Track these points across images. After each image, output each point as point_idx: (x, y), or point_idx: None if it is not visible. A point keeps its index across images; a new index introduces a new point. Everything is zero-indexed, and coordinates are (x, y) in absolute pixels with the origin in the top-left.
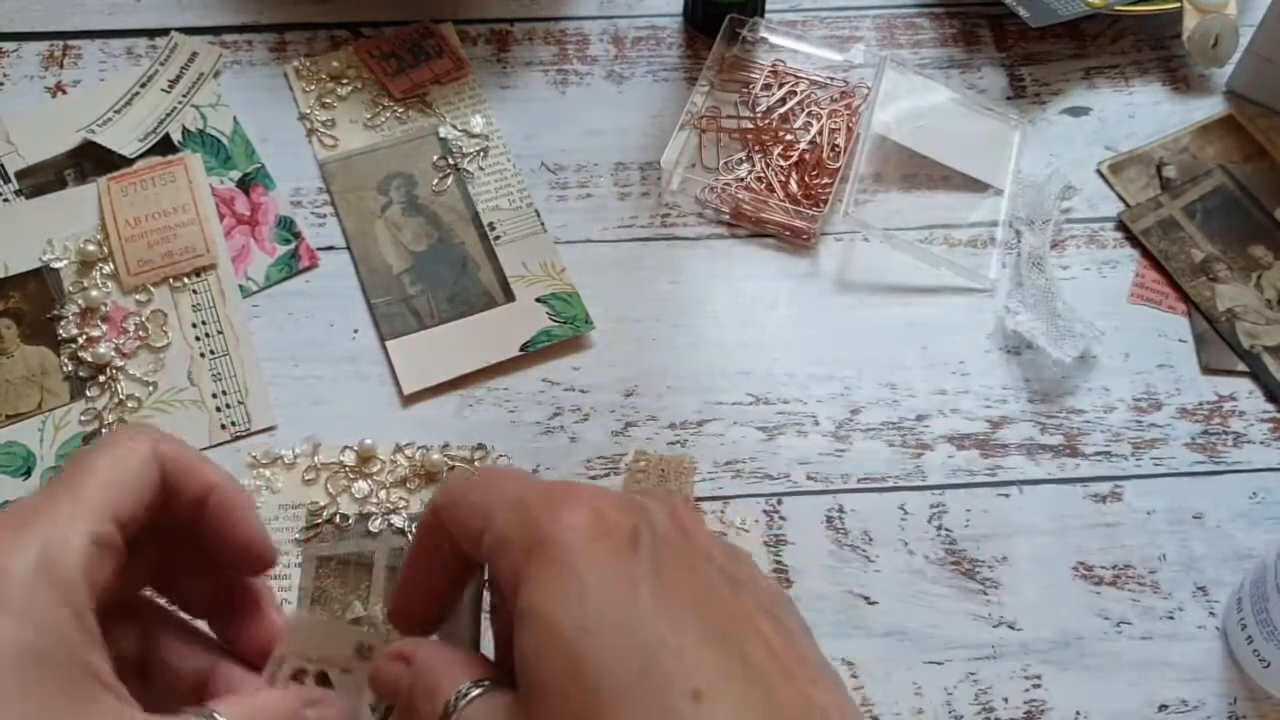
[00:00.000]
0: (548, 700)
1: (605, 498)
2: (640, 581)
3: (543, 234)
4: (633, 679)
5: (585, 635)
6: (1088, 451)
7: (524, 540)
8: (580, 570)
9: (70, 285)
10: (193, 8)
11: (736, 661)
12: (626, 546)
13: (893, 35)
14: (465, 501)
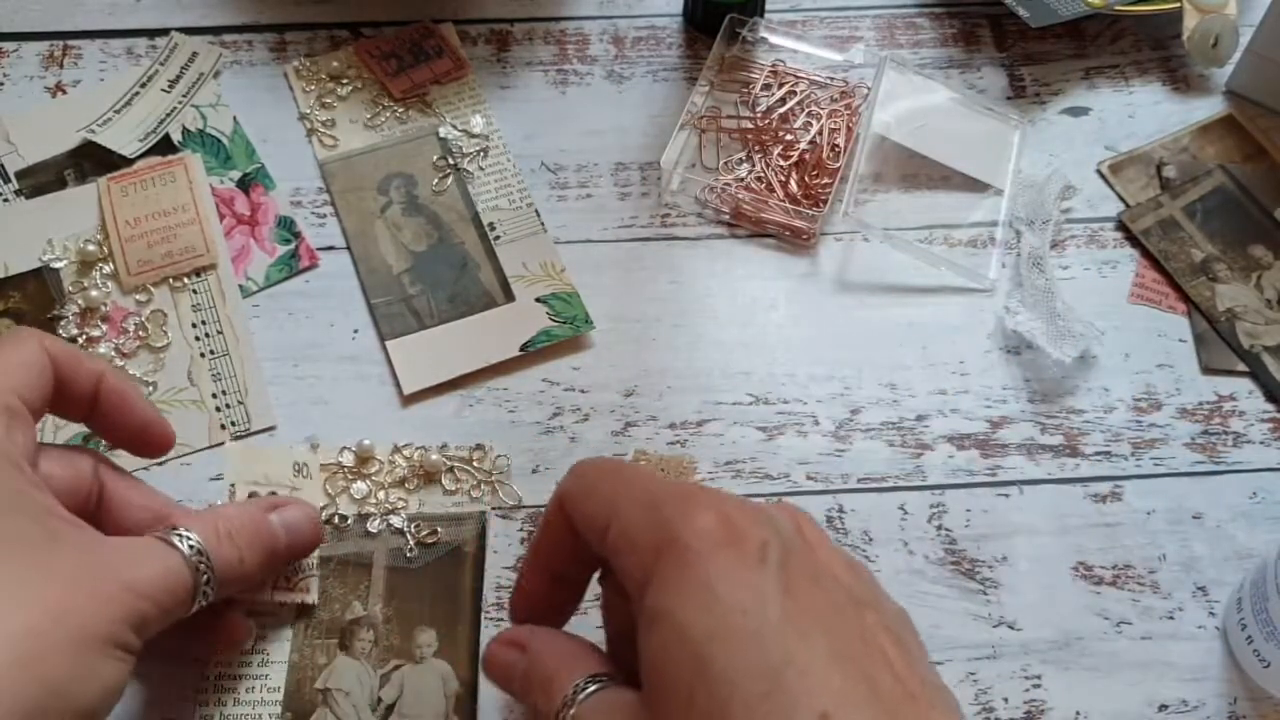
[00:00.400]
0: (673, 703)
1: (733, 504)
2: (769, 594)
3: (543, 234)
4: (760, 694)
5: (714, 644)
6: (1088, 451)
7: (653, 540)
8: (711, 577)
9: (70, 285)
10: (193, 8)
11: (863, 685)
12: (755, 557)
13: (893, 35)
14: (595, 493)
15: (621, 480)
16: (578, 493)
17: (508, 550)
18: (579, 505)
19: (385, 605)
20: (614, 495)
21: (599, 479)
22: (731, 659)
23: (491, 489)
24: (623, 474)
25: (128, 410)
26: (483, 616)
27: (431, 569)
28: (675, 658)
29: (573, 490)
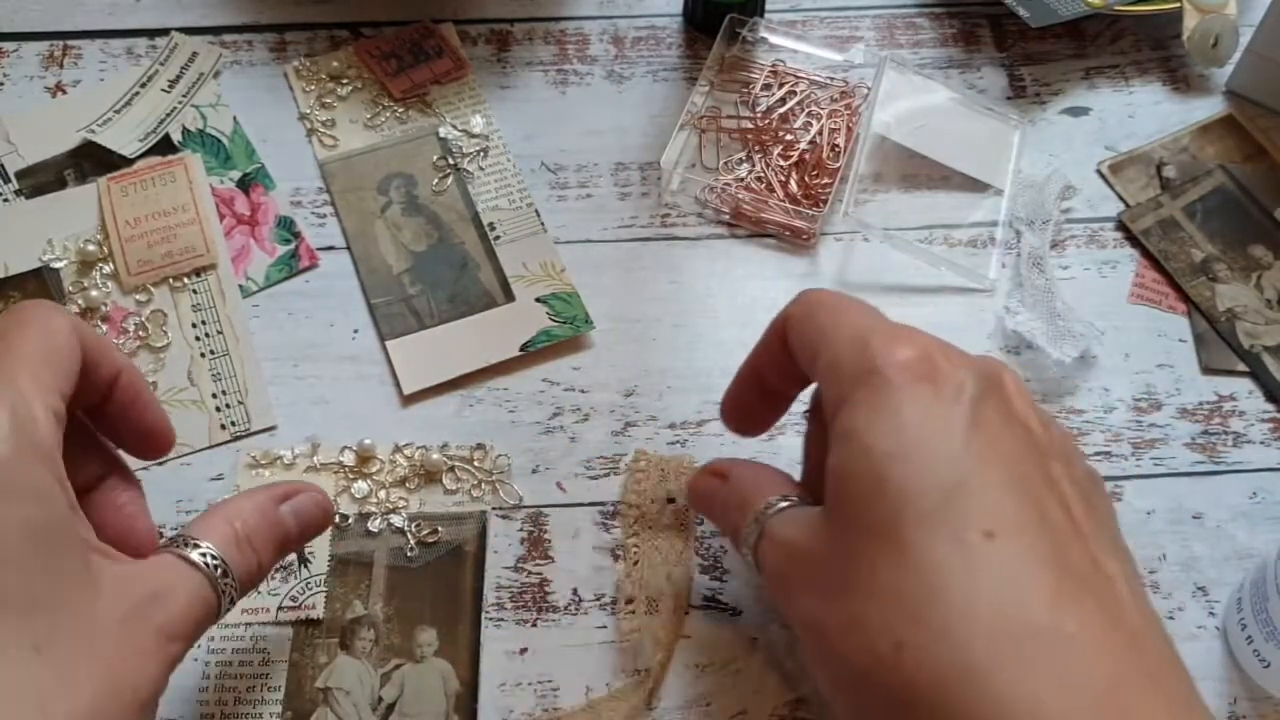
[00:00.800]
0: (850, 515)
1: (938, 344)
2: (955, 426)
3: (543, 234)
4: (932, 507)
5: (893, 462)
6: (1088, 451)
7: (855, 369)
8: (901, 405)
9: (70, 285)
10: (193, 8)
11: (1033, 514)
12: (950, 394)
13: (893, 35)
14: (813, 321)
15: (839, 312)
16: (798, 318)
17: (508, 550)
18: (797, 330)
19: (386, 604)
20: (829, 325)
21: (819, 308)
22: (908, 477)
23: (492, 488)
24: (841, 306)
25: (138, 413)
26: (483, 616)
27: (432, 568)
28: (856, 472)
29: (795, 315)
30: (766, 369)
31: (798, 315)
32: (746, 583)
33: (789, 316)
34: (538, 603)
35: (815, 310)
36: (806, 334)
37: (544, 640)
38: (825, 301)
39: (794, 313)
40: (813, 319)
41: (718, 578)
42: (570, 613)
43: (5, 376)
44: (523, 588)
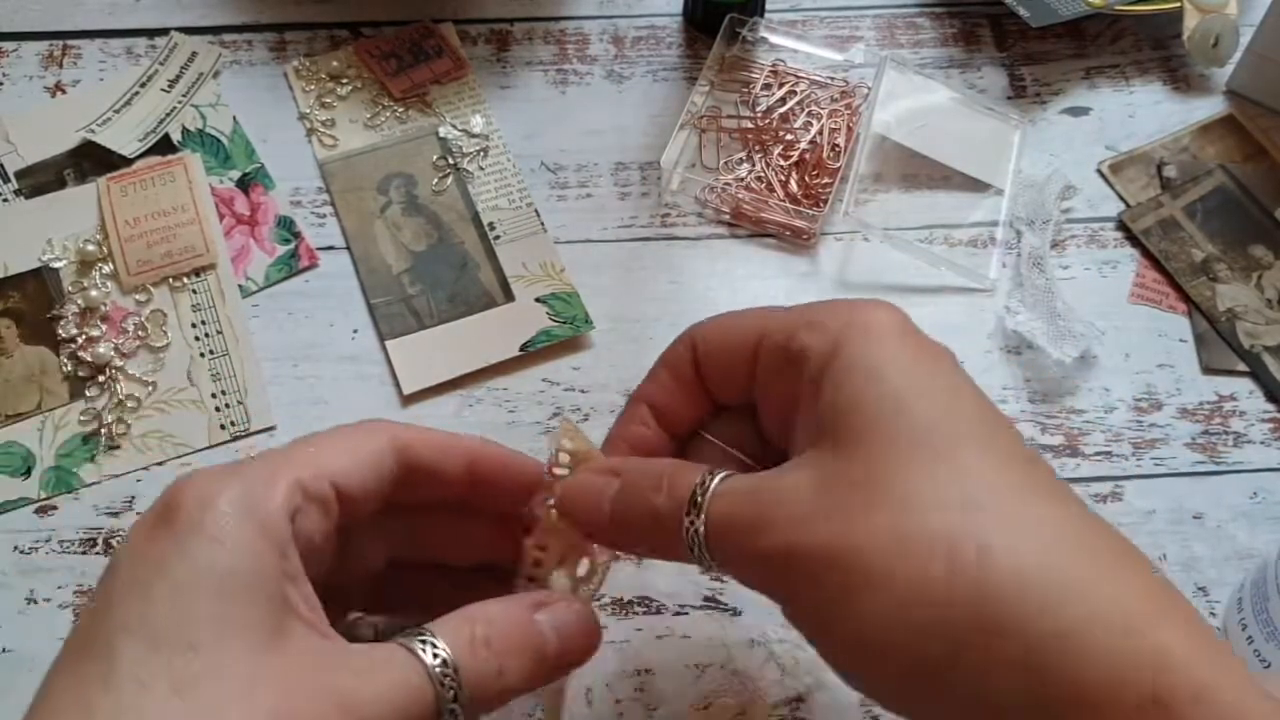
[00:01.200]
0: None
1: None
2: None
3: (543, 234)
4: (965, 434)
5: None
6: (1088, 451)
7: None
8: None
9: (70, 285)
10: (193, 8)
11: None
12: (942, 351)
13: (893, 35)
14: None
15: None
16: (715, 327)
17: None
18: (718, 335)
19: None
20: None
21: (736, 314)
22: (934, 403)
23: None
24: (760, 308)
25: (507, 484)
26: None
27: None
28: (871, 400)
29: (708, 327)
30: (668, 394)
31: (711, 326)
32: None
33: (700, 330)
34: None
35: (735, 316)
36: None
37: None
38: (739, 310)
39: (705, 325)
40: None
41: (718, 578)
42: None
43: (263, 460)
44: None
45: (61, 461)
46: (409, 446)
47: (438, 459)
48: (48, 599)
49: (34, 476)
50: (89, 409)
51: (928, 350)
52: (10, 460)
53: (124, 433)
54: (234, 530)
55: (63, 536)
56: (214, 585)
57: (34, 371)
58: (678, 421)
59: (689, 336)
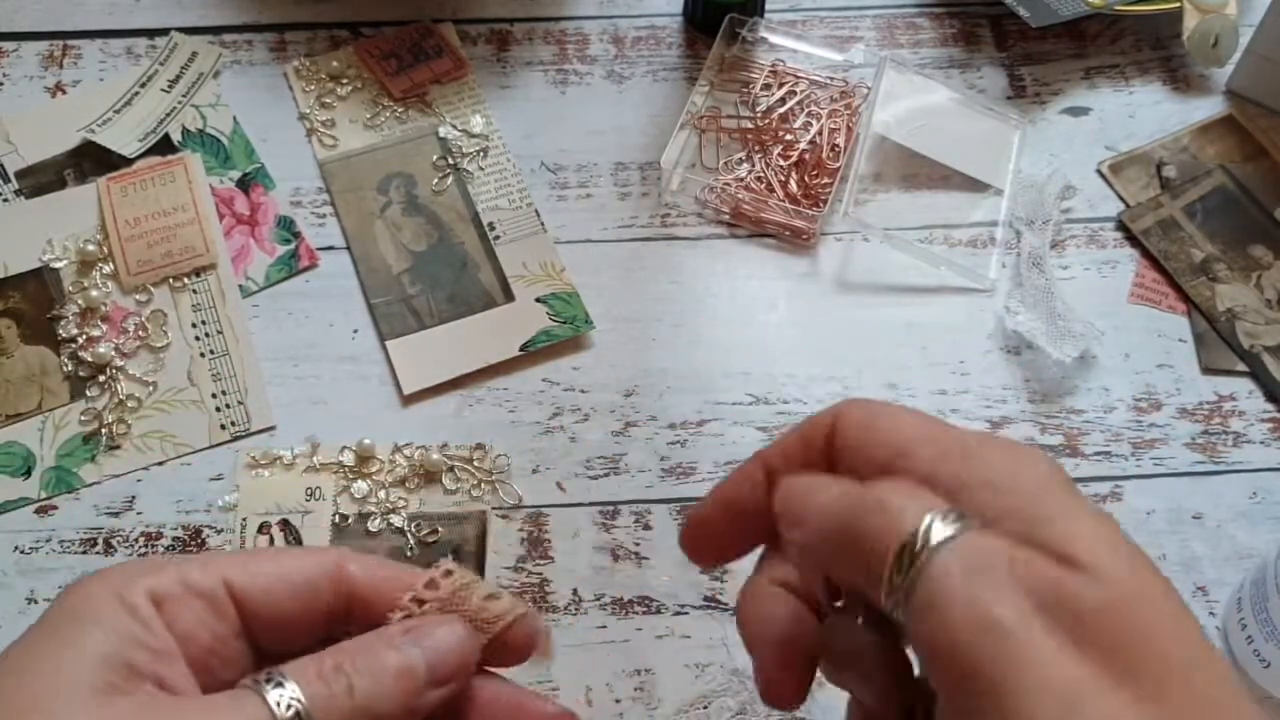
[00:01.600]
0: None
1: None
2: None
3: (543, 234)
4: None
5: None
6: (1088, 451)
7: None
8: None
9: (70, 285)
10: (193, 8)
11: None
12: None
13: (893, 35)
14: (891, 427)
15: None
16: (864, 420)
17: (508, 549)
18: (861, 433)
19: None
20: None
21: (890, 414)
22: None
23: (492, 488)
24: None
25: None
26: None
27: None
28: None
29: (857, 416)
30: (788, 467)
31: (855, 417)
32: None
33: (844, 417)
34: (538, 603)
35: (875, 418)
36: (876, 439)
37: None
38: (887, 409)
39: (849, 415)
40: (877, 430)
41: (717, 578)
42: (570, 613)
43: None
44: (523, 588)
45: (62, 461)
46: (349, 578)
47: (375, 594)
48: (48, 599)
49: (34, 476)
50: (89, 409)
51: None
52: (10, 460)
53: (124, 433)
54: (91, 607)
55: (63, 536)
56: (65, 652)
57: (34, 371)
58: None
59: (834, 414)
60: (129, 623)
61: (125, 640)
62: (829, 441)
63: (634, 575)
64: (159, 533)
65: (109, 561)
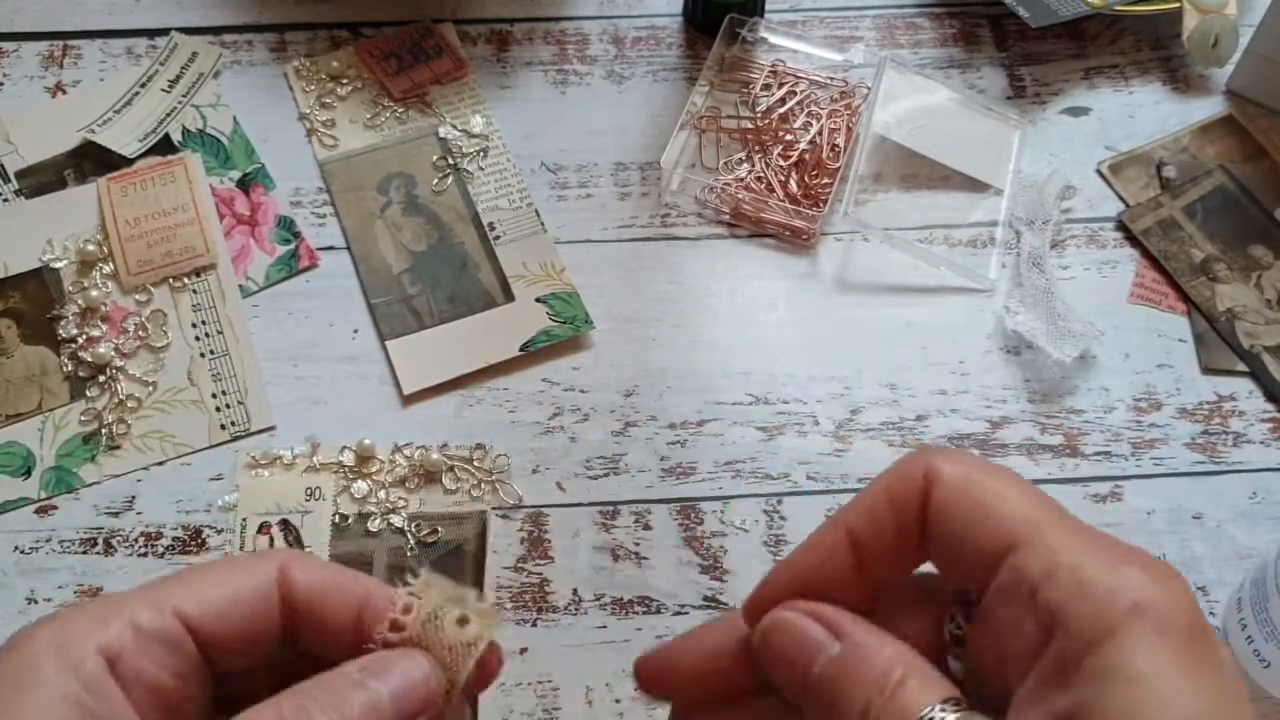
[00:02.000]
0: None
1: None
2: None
3: (543, 234)
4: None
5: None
6: (1087, 451)
7: (1119, 602)
8: (1193, 664)
9: (70, 285)
10: (193, 8)
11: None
12: (1225, 661)
13: (893, 35)
14: (994, 500)
15: (1031, 497)
16: (962, 486)
17: (508, 550)
18: (963, 502)
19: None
20: (1021, 515)
21: (992, 480)
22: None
23: (492, 488)
24: (1019, 485)
25: None
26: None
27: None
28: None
29: (956, 478)
30: (876, 535)
31: (953, 480)
32: (746, 583)
33: (939, 475)
34: (538, 603)
35: (974, 485)
36: (978, 513)
37: (544, 640)
38: (990, 475)
39: (946, 471)
40: (978, 502)
41: (718, 578)
42: (570, 613)
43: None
44: (523, 588)
45: (62, 461)
46: (292, 584)
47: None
48: (48, 599)
49: (34, 476)
50: (89, 409)
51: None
52: (10, 460)
53: (124, 433)
54: (33, 670)
55: (63, 536)
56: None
57: (34, 371)
58: (878, 563)
59: (927, 466)
60: (73, 686)
61: (69, 706)
62: (923, 505)
63: (634, 575)
64: (159, 533)
65: (109, 561)
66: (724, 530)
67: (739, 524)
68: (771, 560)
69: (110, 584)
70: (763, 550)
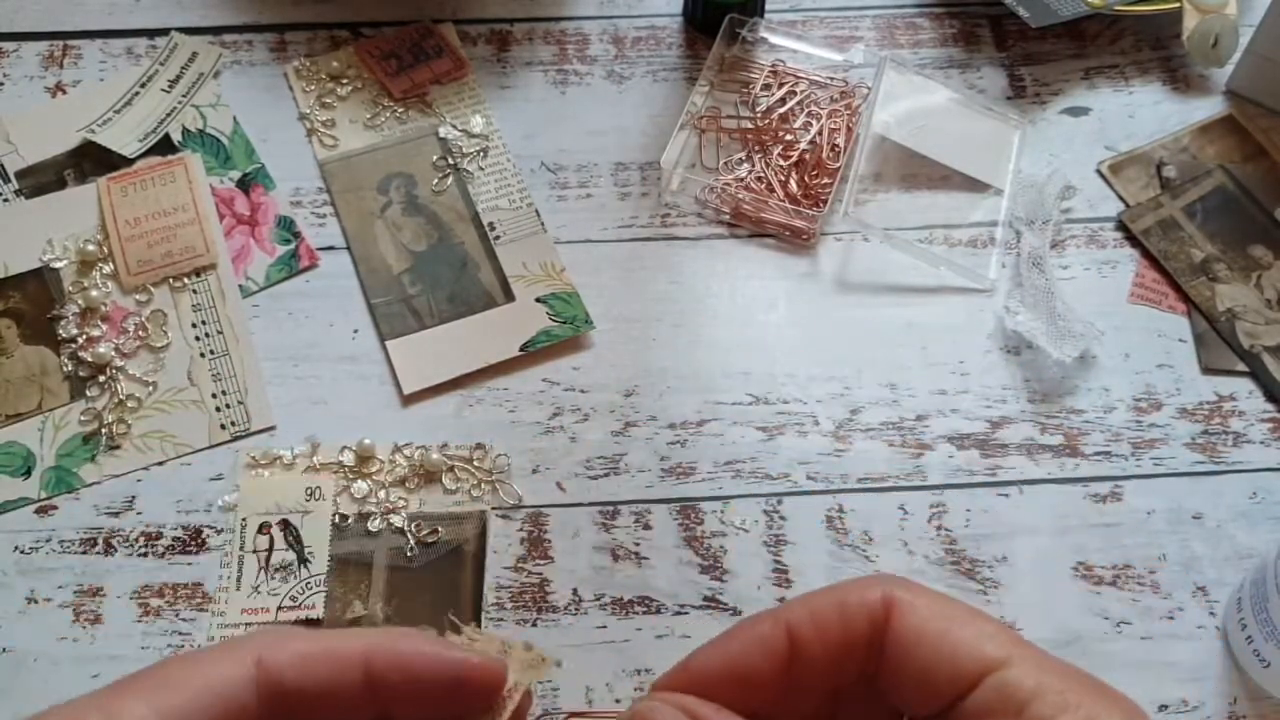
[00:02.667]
0: None
1: None
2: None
3: (543, 234)
4: None
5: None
6: (1087, 451)
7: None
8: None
9: (70, 285)
10: (193, 8)
11: None
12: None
13: (893, 35)
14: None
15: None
16: (925, 616)
17: (508, 550)
18: (924, 643)
19: (386, 604)
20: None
21: (949, 614)
22: None
23: (492, 488)
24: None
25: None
26: (483, 616)
27: (432, 568)
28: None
29: (918, 613)
30: (819, 643)
31: (916, 614)
32: (747, 583)
33: (900, 607)
34: (538, 603)
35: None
36: (941, 652)
37: (544, 640)
38: (956, 603)
39: (905, 602)
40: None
41: (718, 578)
42: (570, 613)
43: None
44: (523, 588)
45: (62, 461)
46: (276, 676)
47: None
48: (48, 599)
49: (34, 476)
50: (89, 409)
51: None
52: (10, 460)
53: (124, 433)
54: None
55: (63, 536)
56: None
57: (34, 371)
58: (810, 669)
59: (886, 593)
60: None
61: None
62: (876, 629)
63: (634, 575)
64: (159, 533)
65: (109, 561)
66: (724, 530)
67: (739, 524)
68: (771, 560)
69: (110, 584)
70: (763, 550)
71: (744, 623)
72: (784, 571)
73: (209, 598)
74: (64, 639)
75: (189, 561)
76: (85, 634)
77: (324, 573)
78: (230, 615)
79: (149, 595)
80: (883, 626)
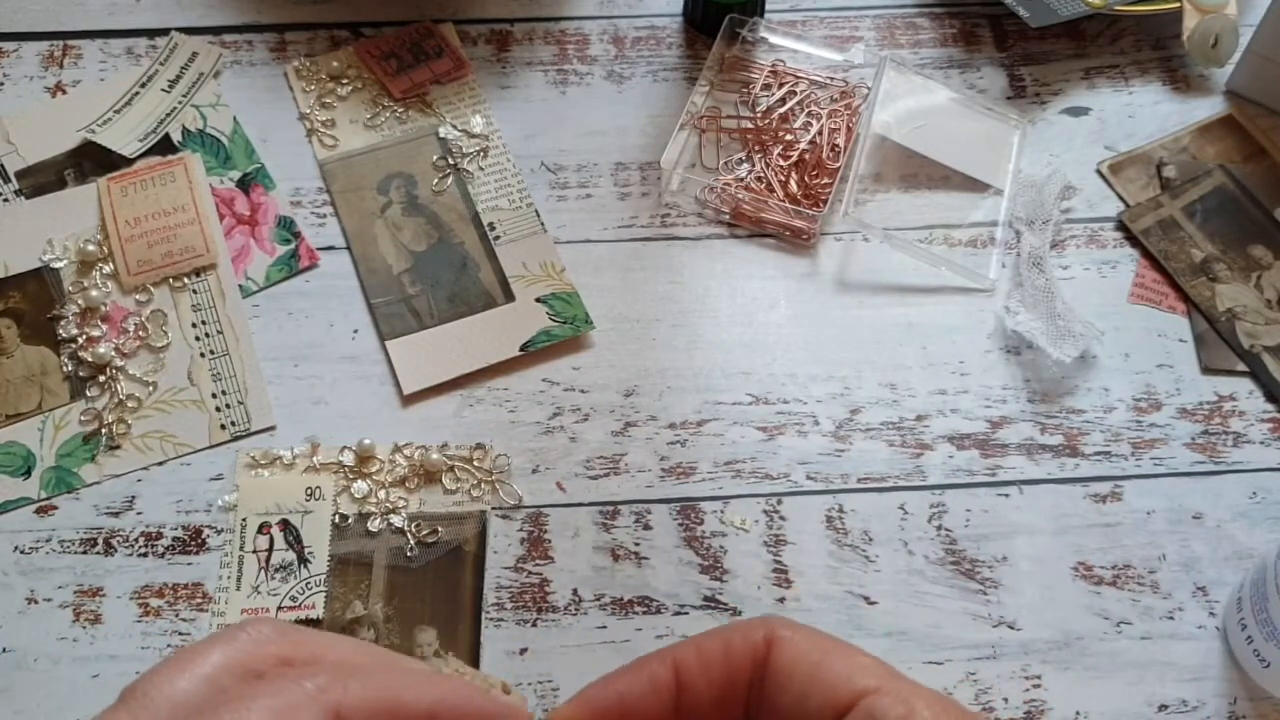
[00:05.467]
0: None
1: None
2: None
3: (543, 234)
4: None
5: None
6: (1087, 451)
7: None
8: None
9: (70, 285)
10: (193, 8)
11: None
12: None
13: (893, 35)
14: (833, 669)
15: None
16: (804, 653)
17: (508, 550)
18: (799, 678)
19: (386, 604)
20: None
21: (828, 650)
22: None
23: (492, 488)
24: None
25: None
26: (483, 616)
27: (432, 568)
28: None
29: (797, 647)
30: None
31: (795, 649)
32: (746, 583)
33: (781, 644)
34: (538, 603)
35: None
36: (819, 687)
37: (544, 640)
38: (831, 637)
39: (787, 643)
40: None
41: (718, 578)
42: (570, 613)
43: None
44: (523, 588)
45: (62, 461)
46: (345, 710)
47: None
48: (48, 599)
49: (34, 476)
50: (89, 409)
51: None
52: (10, 460)
53: (124, 433)
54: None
55: (63, 536)
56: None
57: (34, 371)
58: (696, 707)
59: (768, 631)
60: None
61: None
62: (757, 665)
63: (634, 575)
64: (159, 533)
65: (109, 561)
66: (724, 530)
67: (739, 524)
68: (771, 560)
69: (110, 584)
70: (763, 550)
71: (637, 660)
72: (784, 571)
73: (209, 598)
74: (64, 639)
75: (189, 561)
76: (85, 634)
77: (324, 573)
78: (230, 615)
79: (149, 595)
80: (764, 664)
